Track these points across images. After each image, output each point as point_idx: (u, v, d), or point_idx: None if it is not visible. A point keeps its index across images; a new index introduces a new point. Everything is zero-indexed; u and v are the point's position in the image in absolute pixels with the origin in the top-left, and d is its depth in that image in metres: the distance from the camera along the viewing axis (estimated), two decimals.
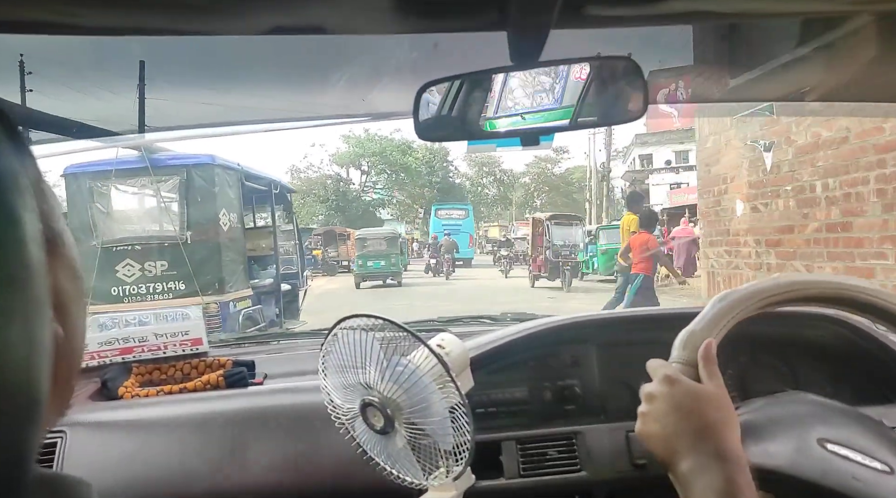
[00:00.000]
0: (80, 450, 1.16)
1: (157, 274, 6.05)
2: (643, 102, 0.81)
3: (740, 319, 0.72)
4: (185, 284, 6.04)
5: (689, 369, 0.69)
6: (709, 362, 0.68)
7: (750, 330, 0.77)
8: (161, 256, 6.06)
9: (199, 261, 6.03)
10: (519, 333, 1.34)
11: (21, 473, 0.30)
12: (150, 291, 6.06)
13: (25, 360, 0.29)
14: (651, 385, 0.70)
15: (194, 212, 6.12)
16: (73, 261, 0.37)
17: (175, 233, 6.04)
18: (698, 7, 0.70)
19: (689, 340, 0.71)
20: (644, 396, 0.71)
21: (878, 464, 0.64)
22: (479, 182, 46.05)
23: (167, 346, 1.49)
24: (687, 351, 0.70)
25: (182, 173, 6.11)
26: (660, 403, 0.68)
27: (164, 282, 6.06)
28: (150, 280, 6.05)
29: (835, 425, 0.69)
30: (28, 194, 0.32)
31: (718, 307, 0.72)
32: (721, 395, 0.67)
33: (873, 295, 0.72)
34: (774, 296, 0.72)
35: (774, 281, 0.74)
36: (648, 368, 0.72)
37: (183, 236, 6.03)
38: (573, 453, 1.21)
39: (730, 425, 0.65)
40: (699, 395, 0.66)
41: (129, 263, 6.05)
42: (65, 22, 0.61)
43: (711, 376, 0.68)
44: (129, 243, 6.08)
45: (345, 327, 0.97)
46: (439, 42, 1.17)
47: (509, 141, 0.90)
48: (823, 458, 0.65)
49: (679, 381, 0.67)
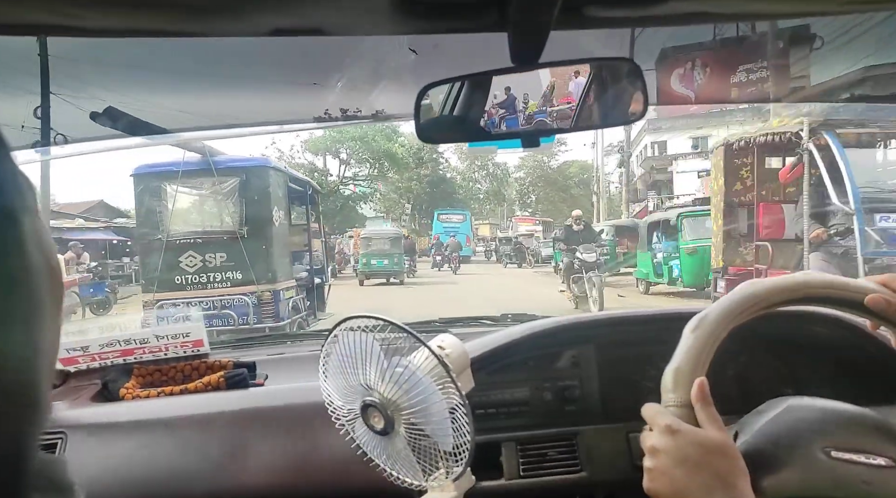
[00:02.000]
0: (81, 450, 1.16)
1: (217, 265, 6.68)
2: (644, 103, 0.81)
3: (721, 340, 0.70)
4: (241, 274, 6.66)
5: (685, 412, 0.67)
6: (705, 405, 0.66)
7: (750, 330, 0.77)
8: (220, 249, 6.67)
9: (254, 253, 6.64)
10: (519, 334, 1.34)
11: (22, 471, 0.30)
12: (209, 280, 6.68)
13: (27, 361, 0.29)
14: (653, 437, 0.68)
15: (250, 209, 6.73)
16: (51, 262, 0.36)
17: (233, 228, 6.66)
18: (698, 8, 0.71)
19: (678, 379, 0.68)
20: (647, 450, 0.69)
21: (881, 460, 0.64)
22: (471, 176, 43.04)
23: (168, 347, 1.49)
24: (679, 392, 0.68)
25: (241, 175, 6.76)
26: (665, 457, 0.66)
27: (222, 272, 6.69)
28: (210, 270, 6.68)
29: (832, 430, 0.69)
30: (28, 195, 0.32)
31: (695, 337, 0.70)
32: (725, 441, 0.65)
33: (830, 286, 0.71)
34: (747, 309, 0.70)
35: (740, 294, 0.72)
36: (645, 415, 0.70)
37: (240, 231, 6.64)
38: (573, 454, 1.21)
39: (740, 473, 0.64)
40: (705, 444, 0.64)
41: (192, 255, 6.67)
42: (65, 23, 0.61)
43: (711, 420, 0.66)
44: (192, 237, 6.70)
45: (345, 328, 0.97)
46: (440, 43, 1.17)
47: (510, 142, 0.90)
48: (831, 468, 0.64)
49: (681, 430, 0.65)
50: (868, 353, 1.28)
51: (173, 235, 6.63)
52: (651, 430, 0.69)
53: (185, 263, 6.65)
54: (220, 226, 6.74)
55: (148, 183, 6.70)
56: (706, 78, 3.66)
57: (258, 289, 6.60)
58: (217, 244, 6.68)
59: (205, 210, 6.87)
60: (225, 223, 6.73)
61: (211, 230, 6.73)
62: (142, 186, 6.75)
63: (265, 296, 6.63)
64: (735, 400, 1.34)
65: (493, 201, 44.30)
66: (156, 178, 6.68)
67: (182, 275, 6.64)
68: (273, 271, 6.80)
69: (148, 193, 6.70)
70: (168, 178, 6.64)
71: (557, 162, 42.50)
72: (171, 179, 6.62)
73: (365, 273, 17.23)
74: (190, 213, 6.85)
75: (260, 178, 6.86)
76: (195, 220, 6.82)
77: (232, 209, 6.71)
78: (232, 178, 6.71)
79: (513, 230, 28.47)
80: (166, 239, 6.59)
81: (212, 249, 6.67)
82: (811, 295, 0.72)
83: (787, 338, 1.34)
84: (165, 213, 6.63)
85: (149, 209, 6.70)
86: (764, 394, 0.85)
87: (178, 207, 6.68)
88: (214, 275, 6.69)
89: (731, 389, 1.35)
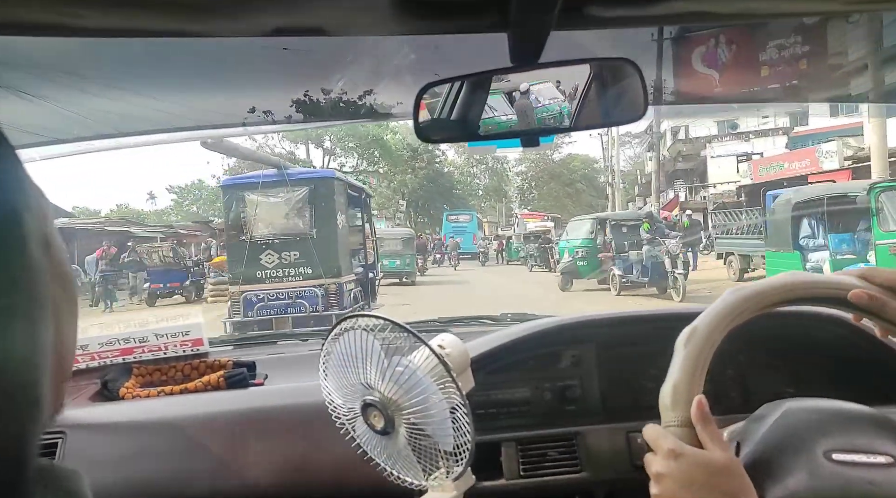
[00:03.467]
0: (81, 450, 1.16)
1: (291, 261, 7.94)
2: (643, 103, 0.81)
3: (713, 352, 0.70)
4: (311, 269, 7.89)
5: (687, 431, 0.66)
6: (707, 424, 0.65)
7: (750, 330, 0.77)
8: (294, 248, 7.93)
9: (322, 251, 7.90)
10: (519, 334, 1.34)
11: (22, 471, 0.30)
12: (285, 275, 7.92)
13: (27, 360, 0.29)
14: (657, 463, 0.67)
15: (318, 214, 8.02)
16: (62, 265, 0.37)
17: (304, 230, 7.93)
18: (698, 8, 0.71)
19: (676, 397, 0.68)
20: (652, 476, 0.68)
21: (882, 458, 0.64)
22: (469, 171, 40.44)
23: (168, 346, 1.49)
24: (679, 410, 0.67)
25: (311, 185, 8.09)
26: (671, 482, 0.65)
27: (295, 267, 7.93)
28: (286, 266, 7.93)
29: (832, 431, 0.69)
30: (29, 195, 0.32)
31: (688, 352, 0.69)
32: (731, 461, 0.65)
33: (814, 286, 0.71)
34: (736, 317, 0.70)
35: (727, 302, 0.71)
36: (646, 437, 0.70)
37: (311, 232, 7.93)
38: (573, 454, 1.21)
39: (747, 492, 0.63)
40: (710, 467, 0.64)
41: (270, 253, 7.93)
42: (64, 23, 0.61)
43: (714, 439, 0.65)
44: (270, 238, 7.93)
45: (346, 328, 0.97)
46: (440, 43, 1.17)
47: (509, 142, 0.90)
48: (836, 473, 0.64)
49: (684, 454, 0.64)
50: (868, 353, 1.28)
51: (255, 237, 7.87)
52: (655, 453, 0.68)
53: (265, 260, 7.88)
54: (293, 228, 7.93)
55: (234, 193, 8.12)
56: (731, 56, 3.21)
57: (326, 282, 7.81)
58: (291, 244, 7.88)
59: (281, 215, 8.01)
60: (297, 226, 7.94)
61: (286, 232, 7.91)
62: (229, 196, 8.22)
63: (331, 288, 7.87)
64: (735, 400, 1.34)
65: (492, 198, 42.13)
66: (240, 188, 8.13)
67: (262, 270, 7.86)
68: (338, 267, 8.02)
69: (234, 201, 8.03)
70: (250, 189, 7.98)
71: (561, 155, 39.80)
72: (252, 189, 7.96)
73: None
74: (269, 218, 8.00)
75: (326, 187, 8.15)
76: (273, 224, 7.97)
77: (303, 214, 7.96)
78: (303, 188, 7.96)
79: (519, 227, 26.51)
80: (249, 240, 7.84)
81: (287, 248, 7.88)
82: (797, 296, 0.72)
83: (787, 338, 1.34)
84: (249, 218, 7.90)
85: (235, 215, 8.04)
86: (764, 394, 0.85)
87: (259, 213, 7.93)
88: (289, 270, 7.89)
89: (731, 390, 1.35)
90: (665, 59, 3.12)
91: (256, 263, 7.85)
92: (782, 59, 3.17)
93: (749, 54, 3.27)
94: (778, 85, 3.30)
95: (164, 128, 1.81)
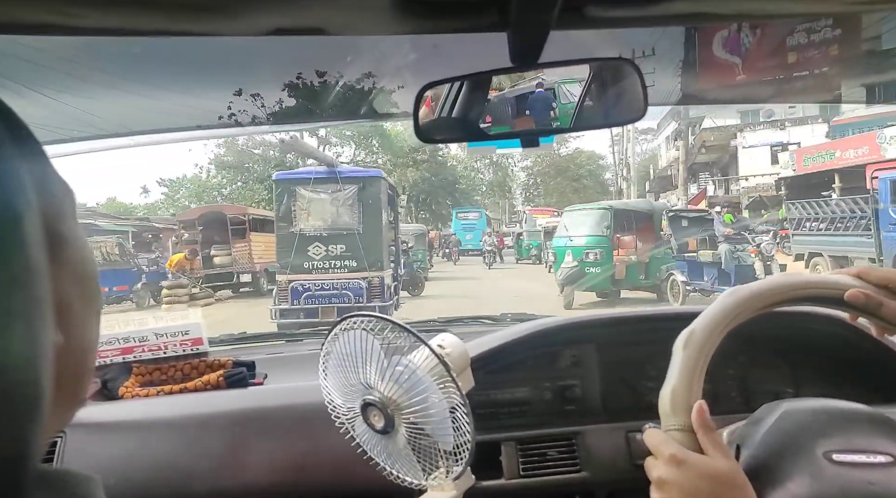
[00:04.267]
0: (80, 450, 1.16)
1: (337, 254, 8.51)
2: (643, 103, 0.81)
3: (711, 354, 0.70)
4: (356, 262, 8.44)
5: (688, 436, 0.66)
6: (708, 431, 0.65)
7: (750, 330, 0.77)
8: (341, 242, 8.47)
9: (367, 246, 8.43)
10: (519, 334, 1.34)
11: (22, 472, 0.30)
12: (331, 266, 8.48)
13: (27, 360, 0.29)
14: (659, 468, 0.67)
15: (365, 211, 8.51)
16: (82, 262, 0.36)
17: (352, 225, 8.45)
18: (698, 8, 0.71)
19: (676, 402, 0.68)
20: (654, 481, 0.67)
21: (881, 458, 0.65)
22: (472, 165, 38.44)
23: (167, 346, 1.49)
24: (679, 415, 0.67)
25: (360, 183, 8.60)
26: (673, 489, 0.65)
27: (341, 259, 8.50)
28: (332, 258, 8.50)
29: (830, 432, 0.69)
30: (30, 195, 0.31)
31: (686, 354, 0.69)
32: (733, 469, 0.65)
33: (810, 286, 0.71)
34: (733, 318, 0.70)
35: (724, 304, 0.71)
36: (647, 443, 0.69)
37: (358, 228, 8.44)
38: (573, 454, 1.21)
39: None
40: (714, 476, 0.63)
41: (318, 245, 8.49)
42: (64, 23, 0.61)
43: (716, 446, 0.65)
44: (319, 231, 8.47)
45: (345, 327, 0.97)
46: (439, 43, 1.17)
47: (509, 142, 0.90)
48: (836, 473, 0.64)
49: (688, 461, 0.64)
50: (868, 353, 1.28)
51: (304, 229, 8.42)
52: (656, 458, 0.68)
53: (313, 252, 8.44)
54: (341, 223, 8.47)
55: (286, 187, 8.58)
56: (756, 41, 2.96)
57: (369, 275, 8.37)
58: (338, 238, 8.43)
59: (330, 210, 8.54)
60: (345, 221, 8.47)
61: (335, 226, 8.45)
62: (280, 189, 8.65)
63: (374, 281, 8.40)
64: (735, 400, 1.34)
65: (496, 193, 40.86)
66: (292, 183, 8.63)
67: (309, 261, 8.42)
68: (381, 261, 8.55)
69: (286, 195, 8.49)
70: (302, 183, 8.52)
71: (568, 149, 38.32)
72: (304, 184, 8.50)
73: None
74: (318, 212, 8.53)
75: (373, 186, 8.62)
76: (322, 218, 8.50)
77: (352, 210, 8.48)
78: (353, 186, 8.49)
79: (527, 223, 24.82)
80: (298, 232, 8.40)
81: (334, 241, 8.43)
82: (793, 296, 0.72)
83: (787, 338, 1.34)
84: (299, 211, 8.44)
85: (285, 208, 8.50)
86: (764, 394, 0.86)
87: (309, 207, 8.46)
88: (335, 262, 8.46)
89: (731, 389, 1.35)
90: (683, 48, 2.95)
91: (304, 255, 8.40)
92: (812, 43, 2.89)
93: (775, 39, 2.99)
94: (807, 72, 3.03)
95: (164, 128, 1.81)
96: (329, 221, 8.50)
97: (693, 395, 0.67)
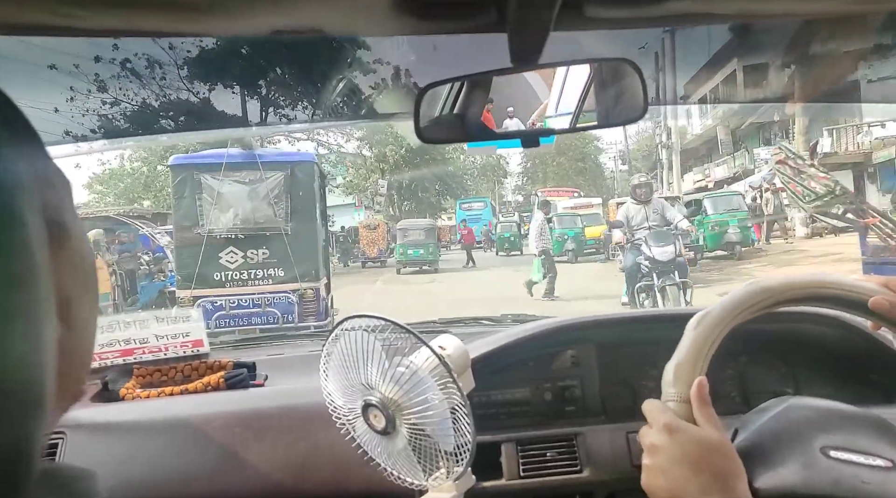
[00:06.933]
0: (81, 451, 1.16)
1: (259, 261, 6.45)
2: (643, 103, 0.81)
3: (722, 337, 0.70)
4: (283, 271, 6.43)
5: (684, 407, 0.68)
6: (703, 404, 0.67)
7: (750, 329, 0.77)
8: (262, 245, 6.44)
9: (297, 250, 6.42)
10: (519, 334, 1.34)
11: (25, 470, 0.30)
12: (251, 277, 6.44)
13: (29, 359, 0.29)
14: (652, 435, 0.69)
15: (295, 205, 6.50)
16: (81, 255, 0.36)
17: (277, 223, 6.40)
18: (698, 9, 0.71)
19: (678, 374, 0.69)
20: (646, 447, 0.69)
21: (880, 461, 0.65)
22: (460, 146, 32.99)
23: (168, 347, 1.49)
24: (679, 387, 0.69)
25: (287, 169, 6.51)
26: (664, 455, 0.66)
27: (264, 268, 6.45)
28: (252, 267, 6.44)
29: (832, 430, 0.69)
30: (32, 192, 0.31)
31: (697, 333, 0.70)
32: (723, 440, 0.66)
33: (838, 286, 0.71)
34: (750, 307, 0.71)
35: (747, 290, 0.72)
36: (645, 411, 0.71)
37: (285, 227, 6.40)
38: (573, 454, 1.21)
39: (737, 474, 0.64)
40: (703, 444, 0.65)
41: (233, 251, 6.43)
42: (64, 23, 0.61)
43: (709, 419, 0.66)
44: (233, 232, 6.41)
45: (346, 328, 0.97)
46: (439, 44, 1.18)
47: (509, 142, 0.90)
48: (830, 467, 0.65)
49: (680, 429, 0.66)
50: (868, 353, 1.28)
51: (214, 230, 6.35)
52: (651, 427, 0.70)
53: (226, 259, 6.42)
54: (263, 221, 6.46)
55: (187, 174, 6.40)
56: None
57: (301, 286, 6.39)
58: (259, 240, 6.44)
59: (248, 205, 6.51)
60: (268, 218, 6.45)
61: (254, 226, 6.44)
62: (179, 177, 6.45)
63: (308, 294, 6.45)
64: (735, 400, 1.34)
65: (490, 179, 35.39)
66: (195, 169, 6.41)
67: (222, 271, 6.39)
68: (316, 269, 6.61)
69: (187, 185, 6.38)
70: (210, 170, 6.36)
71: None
72: (212, 172, 6.34)
73: (402, 262, 18.03)
74: (231, 208, 6.51)
75: (305, 173, 6.63)
76: (237, 215, 6.49)
77: (277, 204, 6.47)
78: (277, 173, 6.47)
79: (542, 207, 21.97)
80: (206, 234, 6.32)
81: (254, 245, 6.44)
82: (818, 294, 0.72)
83: (787, 338, 1.34)
84: (206, 207, 6.34)
85: (187, 202, 6.43)
86: (764, 394, 0.86)
87: (219, 201, 6.39)
88: (256, 271, 6.45)
89: (731, 389, 1.35)
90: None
91: (214, 263, 6.34)
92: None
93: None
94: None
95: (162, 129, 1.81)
96: (247, 219, 6.45)
97: (696, 371, 0.69)
